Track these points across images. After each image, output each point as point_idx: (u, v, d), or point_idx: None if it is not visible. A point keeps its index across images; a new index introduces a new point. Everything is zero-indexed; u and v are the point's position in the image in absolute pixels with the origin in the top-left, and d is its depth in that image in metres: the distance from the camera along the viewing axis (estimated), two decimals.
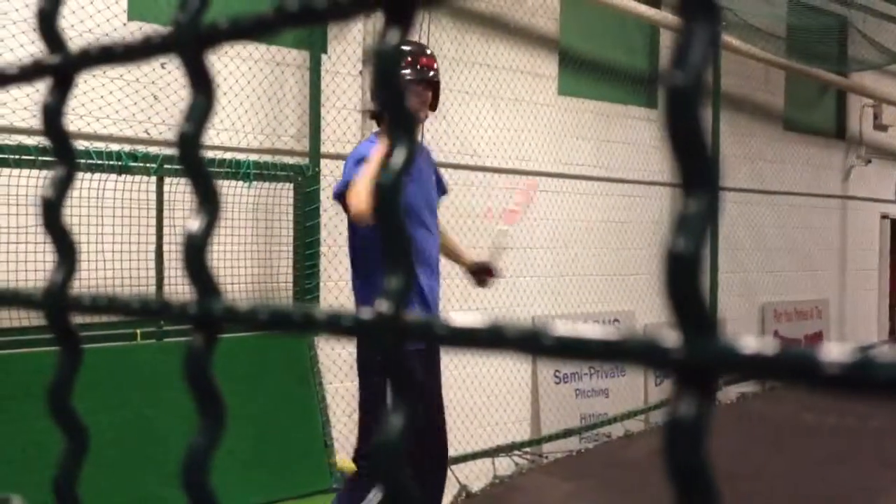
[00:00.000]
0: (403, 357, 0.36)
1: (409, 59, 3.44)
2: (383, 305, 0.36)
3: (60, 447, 0.50)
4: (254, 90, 5.15)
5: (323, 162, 5.33)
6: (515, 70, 6.61)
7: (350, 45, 5.58)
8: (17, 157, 3.96)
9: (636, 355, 0.29)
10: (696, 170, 0.28)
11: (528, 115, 6.72)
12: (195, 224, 0.42)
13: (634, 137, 7.41)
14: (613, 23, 7.13)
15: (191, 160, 0.43)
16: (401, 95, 0.36)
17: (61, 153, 0.50)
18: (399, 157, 0.36)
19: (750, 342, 0.26)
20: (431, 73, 3.46)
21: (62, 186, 0.49)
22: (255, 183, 4.92)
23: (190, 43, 0.42)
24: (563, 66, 6.95)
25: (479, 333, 0.32)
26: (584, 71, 7.08)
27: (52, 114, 0.49)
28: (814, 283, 9.49)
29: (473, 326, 0.32)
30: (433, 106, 3.53)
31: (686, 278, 0.28)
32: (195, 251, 0.42)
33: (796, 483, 5.22)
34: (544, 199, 6.81)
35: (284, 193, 5.17)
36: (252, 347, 4.75)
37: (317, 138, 5.30)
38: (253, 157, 4.97)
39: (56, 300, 0.48)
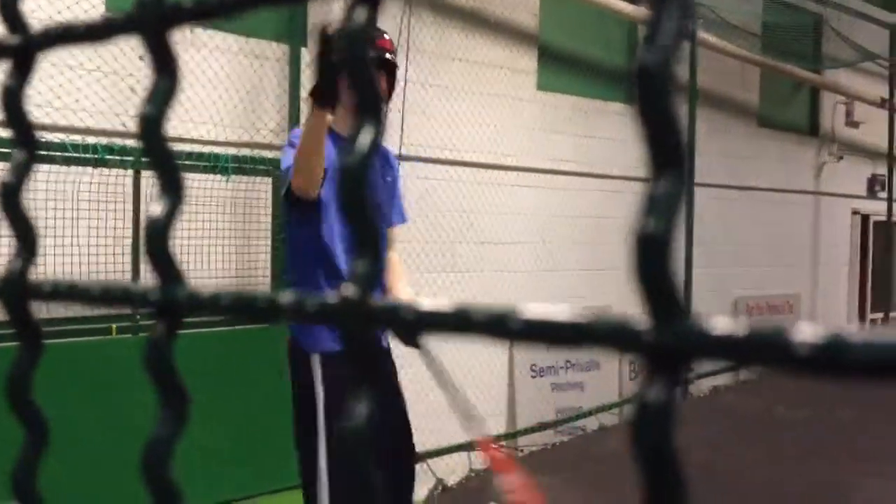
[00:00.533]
0: (368, 344, 0.35)
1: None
2: (349, 289, 0.35)
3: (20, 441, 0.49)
4: (233, 83, 5.11)
5: None
6: (495, 65, 6.60)
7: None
8: None
9: (605, 338, 0.28)
10: (666, 150, 0.27)
11: (508, 110, 6.72)
12: (157, 209, 0.41)
13: (613, 133, 7.43)
14: (592, 18, 7.15)
15: (154, 144, 0.42)
16: (369, 75, 0.35)
17: (22, 136, 0.48)
18: (366, 138, 0.35)
19: (720, 323, 0.26)
20: (389, 56, 3.09)
21: (22, 171, 0.48)
22: (233, 177, 4.89)
23: (153, 22, 0.41)
24: (542, 61, 6.95)
25: (447, 318, 0.31)
26: (563, 66, 7.09)
27: (13, 96, 0.48)
28: (786, 277, 9.57)
29: (440, 310, 0.32)
30: (389, 94, 3.16)
31: (655, 260, 0.27)
32: (157, 237, 0.41)
33: (769, 476, 5.27)
34: (523, 194, 6.81)
35: (263, 187, 5.13)
36: (230, 342, 4.73)
37: None
38: (231, 150, 4.94)
39: (15, 288, 0.46)
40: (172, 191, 0.42)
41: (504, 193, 6.67)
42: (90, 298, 0.44)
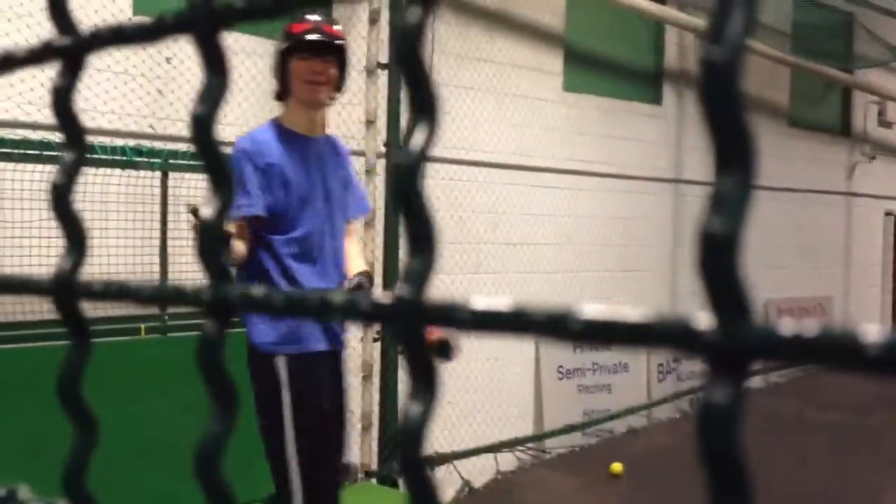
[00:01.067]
0: (423, 343, 0.35)
1: (308, 25, 2.85)
2: (404, 289, 0.35)
3: (68, 440, 0.49)
4: (258, 86, 5.14)
5: None
6: (520, 66, 6.59)
7: (355, 41, 5.56)
8: (21, 151, 3.96)
9: (668, 338, 0.28)
10: (733, 147, 0.27)
11: (533, 111, 6.70)
12: (209, 208, 0.42)
13: (639, 134, 7.39)
14: (618, 19, 7.12)
15: (205, 142, 0.42)
16: (423, 73, 0.35)
17: (71, 137, 0.49)
18: (420, 137, 0.35)
19: (788, 325, 0.25)
20: (338, 42, 2.85)
21: (72, 171, 0.48)
22: None
23: (204, 22, 0.41)
24: (568, 62, 6.93)
25: (504, 317, 0.31)
26: (589, 67, 7.06)
27: (63, 96, 0.48)
28: (817, 279, 9.47)
29: (498, 310, 0.32)
30: (339, 86, 2.92)
31: (721, 259, 0.27)
32: (209, 236, 0.41)
33: (798, 479, 5.22)
34: (549, 196, 6.80)
35: None
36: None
37: None
38: None
39: (66, 287, 0.47)
40: (223, 189, 0.42)
41: (530, 195, 6.66)
42: (142, 299, 0.44)
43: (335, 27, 2.90)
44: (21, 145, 3.97)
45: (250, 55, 5.06)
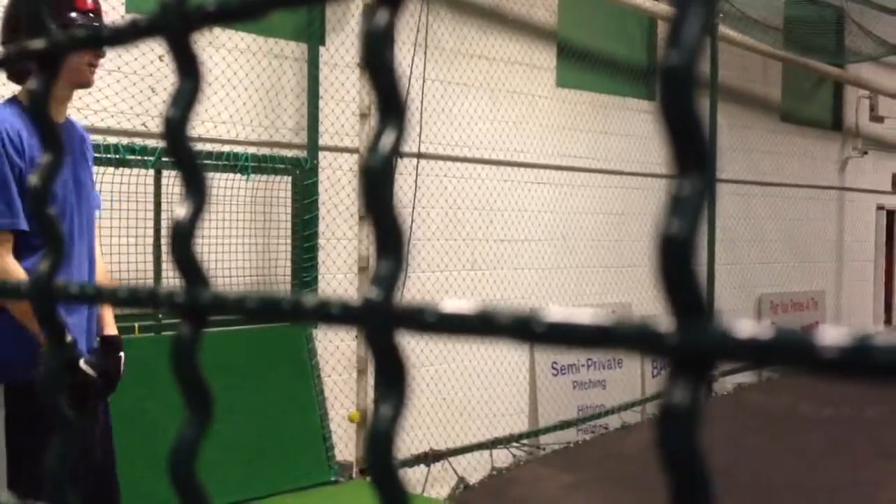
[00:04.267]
0: (393, 346, 0.35)
1: (91, 4, 2.57)
2: (373, 292, 0.35)
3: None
4: (252, 83, 5.13)
5: (321, 154, 5.33)
6: (513, 62, 6.59)
7: (348, 37, 5.57)
8: None
9: (629, 341, 0.28)
10: (690, 151, 0.27)
11: (526, 107, 6.71)
12: (182, 211, 0.42)
13: (633, 129, 7.40)
14: (611, 15, 7.12)
15: (178, 146, 0.42)
16: (392, 77, 0.35)
17: (48, 139, 0.49)
18: (388, 140, 0.36)
19: (745, 327, 0.26)
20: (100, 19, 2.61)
21: (49, 173, 0.48)
22: (253, 176, 4.92)
23: (177, 25, 0.41)
24: (561, 57, 6.93)
25: (470, 320, 0.32)
26: (582, 63, 7.06)
27: (39, 99, 0.48)
28: (810, 274, 9.49)
29: (464, 312, 0.32)
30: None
31: (679, 262, 0.27)
32: (182, 239, 0.42)
33: (793, 475, 5.23)
34: (542, 192, 6.80)
35: (283, 186, 5.16)
36: (251, 341, 4.75)
37: (315, 131, 5.29)
38: (251, 149, 4.96)
39: (43, 291, 0.47)
40: (197, 193, 0.42)
41: (523, 191, 6.66)
42: (117, 300, 0.44)
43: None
44: None
45: (243, 52, 5.06)
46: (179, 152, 0.42)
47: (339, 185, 5.51)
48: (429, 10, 5.83)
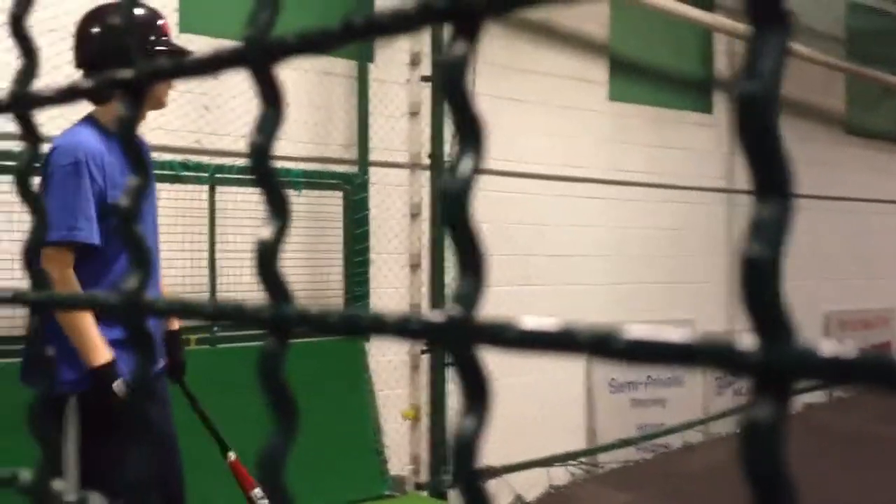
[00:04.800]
0: (475, 361, 0.36)
1: (150, 26, 2.67)
2: (455, 309, 0.36)
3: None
4: (303, 100, 5.21)
5: (371, 170, 5.38)
6: (565, 76, 6.59)
7: (397, 53, 5.62)
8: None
9: (712, 359, 0.29)
10: (770, 176, 0.28)
11: (579, 121, 6.69)
12: (267, 231, 0.44)
13: (688, 143, 7.33)
14: (665, 27, 7.07)
15: (262, 170, 0.44)
16: (470, 104, 0.37)
17: (136, 164, 0.51)
18: (468, 164, 0.37)
19: (828, 346, 0.26)
20: (176, 46, 2.73)
21: (138, 195, 0.51)
22: (304, 191, 4.98)
23: (259, 57, 0.43)
24: (613, 71, 6.91)
25: (551, 336, 0.33)
26: (635, 76, 7.03)
27: (128, 125, 0.51)
28: (879, 291, 9.25)
29: (545, 329, 0.33)
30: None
31: (761, 283, 0.28)
32: (267, 257, 0.43)
33: (861, 495, 5.11)
34: (596, 207, 6.77)
35: (334, 201, 5.22)
36: (304, 353, 4.79)
37: (365, 146, 5.35)
38: (302, 165, 5.03)
39: (133, 305, 0.49)
40: (280, 214, 0.44)
41: (576, 206, 6.64)
42: (205, 315, 0.46)
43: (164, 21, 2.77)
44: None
45: (295, 69, 5.14)
46: (264, 176, 0.44)
47: (389, 200, 5.56)
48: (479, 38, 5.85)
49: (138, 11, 2.65)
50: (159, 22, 2.70)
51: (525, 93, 6.32)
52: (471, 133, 0.37)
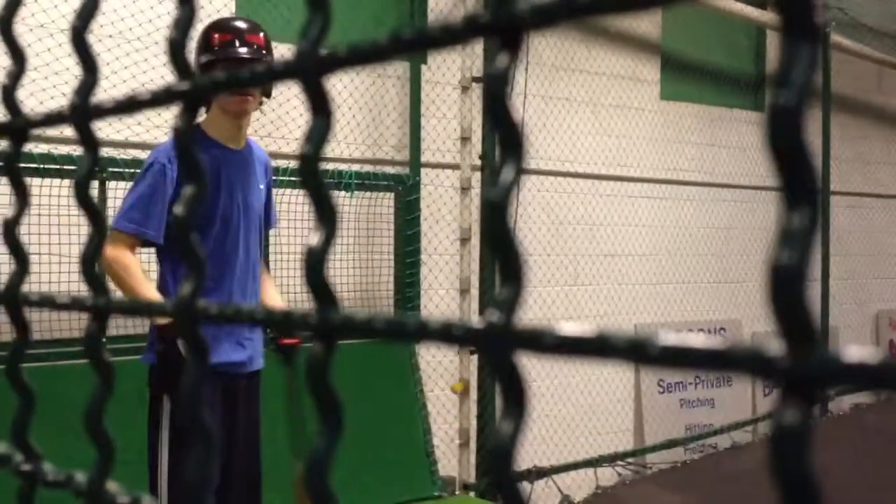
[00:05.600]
0: (514, 367, 0.37)
1: (232, 35, 2.79)
2: (494, 315, 0.37)
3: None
4: (356, 102, 5.26)
5: (423, 171, 5.41)
6: (616, 76, 6.55)
7: (449, 55, 5.64)
8: (132, 170, 4.15)
9: (741, 364, 0.30)
10: (798, 186, 0.29)
11: (630, 120, 6.65)
12: (315, 238, 0.45)
13: (740, 141, 7.24)
14: (717, 25, 6.99)
15: (311, 179, 0.46)
16: (510, 115, 0.38)
17: (192, 173, 0.53)
18: (509, 174, 0.38)
19: (854, 352, 0.27)
20: (264, 52, 2.81)
21: (192, 203, 0.53)
22: (356, 192, 5.03)
23: (310, 69, 0.45)
24: (665, 70, 6.85)
25: (588, 342, 0.34)
26: (687, 75, 6.96)
27: (184, 136, 0.53)
28: None
29: (582, 335, 0.34)
30: (268, 91, 2.89)
31: (789, 290, 0.29)
32: (315, 264, 0.45)
33: None
34: (647, 206, 6.72)
35: (386, 203, 5.26)
36: (355, 356, 4.84)
37: (417, 148, 5.38)
38: (355, 167, 5.08)
39: (188, 310, 0.51)
40: (328, 222, 0.46)
41: (628, 205, 6.60)
42: (254, 321, 0.48)
43: (259, 34, 2.85)
44: (132, 165, 4.16)
45: (347, 71, 5.19)
46: (312, 185, 0.45)
47: (440, 202, 5.58)
48: (525, 53, 5.85)
49: (239, 23, 2.89)
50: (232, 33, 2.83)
51: (577, 93, 6.30)
52: (512, 144, 0.39)
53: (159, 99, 0.55)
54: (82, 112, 0.60)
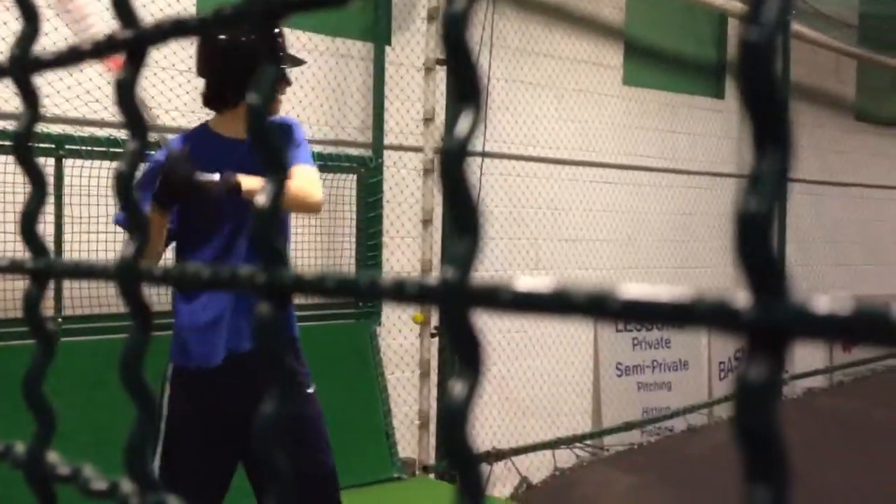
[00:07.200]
0: (469, 325, 0.36)
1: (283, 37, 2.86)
2: (449, 271, 0.36)
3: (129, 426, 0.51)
4: (318, 82, 5.20)
5: (386, 153, 5.37)
6: (580, 60, 6.55)
7: (413, 36, 5.60)
8: (88, 148, 4.07)
9: (706, 317, 0.28)
10: (770, 126, 0.27)
11: (593, 105, 6.66)
12: (262, 199, 0.43)
13: (701, 128, 7.29)
14: (680, 12, 7.02)
15: (258, 128, 0.43)
16: (470, 61, 0.36)
17: (134, 127, 0.51)
18: (465, 123, 0.36)
19: (824, 302, 0.26)
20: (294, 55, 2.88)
21: (134, 160, 0.50)
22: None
23: (262, 14, 0.43)
24: (628, 55, 6.87)
25: (545, 298, 0.32)
26: (649, 61, 6.99)
27: (126, 88, 0.50)
28: (885, 276, 9.24)
29: (539, 291, 0.32)
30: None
31: (757, 238, 0.27)
32: (264, 222, 0.43)
33: (862, 480, 5.09)
34: (609, 191, 6.75)
35: (348, 184, 5.21)
36: (315, 337, 4.81)
37: (380, 130, 5.34)
38: (317, 148, 5.02)
39: (129, 272, 0.49)
40: (276, 180, 0.44)
41: (589, 190, 6.62)
42: (199, 283, 0.46)
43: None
44: (88, 142, 4.07)
45: (311, 52, 5.12)
46: (259, 133, 0.43)
47: (403, 184, 5.55)
48: (495, 9, 5.83)
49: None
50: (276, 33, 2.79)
51: (540, 76, 6.29)
52: (470, 91, 0.37)
53: (102, 49, 0.52)
54: (21, 64, 0.57)
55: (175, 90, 4.56)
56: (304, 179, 2.70)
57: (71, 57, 0.55)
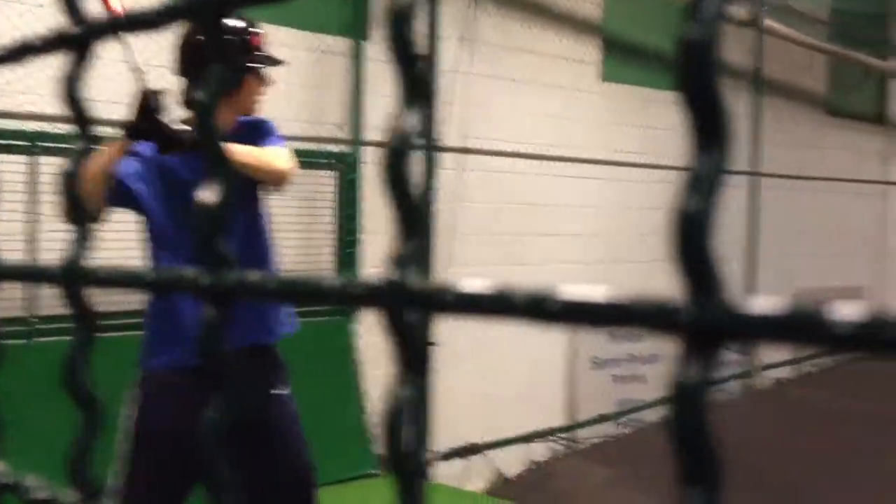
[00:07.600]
0: (411, 326, 0.35)
1: (261, 39, 2.82)
2: (394, 272, 0.35)
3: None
4: (298, 79, 5.17)
5: (365, 150, 5.35)
6: (558, 56, 6.55)
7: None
8: (41, 144, 4.01)
9: (643, 318, 0.28)
10: (709, 126, 0.27)
11: (571, 101, 6.66)
12: (207, 194, 0.42)
13: (679, 123, 7.32)
14: (657, 8, 7.04)
15: (206, 129, 0.42)
16: (413, 54, 0.35)
17: (80, 124, 0.50)
18: (408, 120, 0.36)
19: (759, 303, 0.25)
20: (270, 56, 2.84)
21: (80, 158, 0.49)
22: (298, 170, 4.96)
23: (210, 8, 0.42)
24: (606, 52, 6.88)
25: (487, 299, 0.31)
26: (627, 57, 7.00)
27: (72, 84, 0.49)
28: (852, 268, 9.36)
29: (481, 292, 0.32)
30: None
31: (695, 238, 0.27)
32: (211, 222, 0.42)
33: (832, 469, 5.15)
34: (588, 187, 6.76)
35: (327, 181, 5.19)
36: (294, 337, 4.79)
37: (359, 126, 5.32)
38: (296, 144, 4.99)
39: (73, 274, 0.48)
40: (223, 178, 0.43)
41: (568, 185, 6.63)
42: (142, 285, 0.45)
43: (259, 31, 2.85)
44: (40, 138, 4.01)
45: (291, 48, 5.09)
46: (208, 138, 0.42)
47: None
48: (475, 5, 5.82)
49: (234, 23, 2.72)
50: (252, 33, 2.79)
51: (517, 72, 6.29)
52: (413, 87, 0.36)
53: (50, 44, 0.51)
54: None
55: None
56: (270, 151, 2.64)
57: (20, 52, 0.54)
